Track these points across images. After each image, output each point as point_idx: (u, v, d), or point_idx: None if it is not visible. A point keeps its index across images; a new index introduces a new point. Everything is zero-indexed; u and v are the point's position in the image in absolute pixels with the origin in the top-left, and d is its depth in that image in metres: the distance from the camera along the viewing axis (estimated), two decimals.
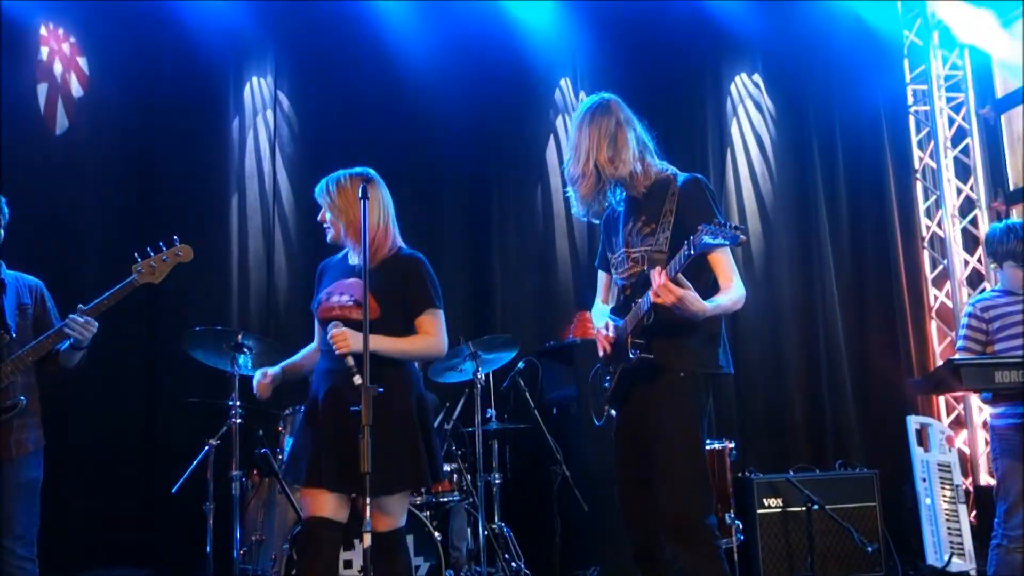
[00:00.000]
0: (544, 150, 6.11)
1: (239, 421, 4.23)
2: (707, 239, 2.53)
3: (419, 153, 5.86)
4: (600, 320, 3.12)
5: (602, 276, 3.28)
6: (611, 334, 2.97)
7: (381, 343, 2.90)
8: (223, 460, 4.29)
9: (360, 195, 2.87)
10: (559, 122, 6.13)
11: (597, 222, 3.18)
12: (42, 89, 5.21)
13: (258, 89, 5.68)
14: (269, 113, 5.67)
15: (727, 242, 2.53)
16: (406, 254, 3.13)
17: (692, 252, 2.59)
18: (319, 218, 3.15)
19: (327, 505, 2.95)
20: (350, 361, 2.82)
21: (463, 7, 5.94)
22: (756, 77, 6.49)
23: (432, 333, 3.07)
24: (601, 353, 3.01)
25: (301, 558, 3.07)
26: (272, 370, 3.21)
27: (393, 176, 5.47)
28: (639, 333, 2.84)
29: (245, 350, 4.29)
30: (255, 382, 3.18)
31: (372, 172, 3.14)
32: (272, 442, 4.34)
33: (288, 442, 4.24)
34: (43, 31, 5.29)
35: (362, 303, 2.87)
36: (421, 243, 5.67)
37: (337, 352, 2.85)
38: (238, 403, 4.30)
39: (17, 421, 3.16)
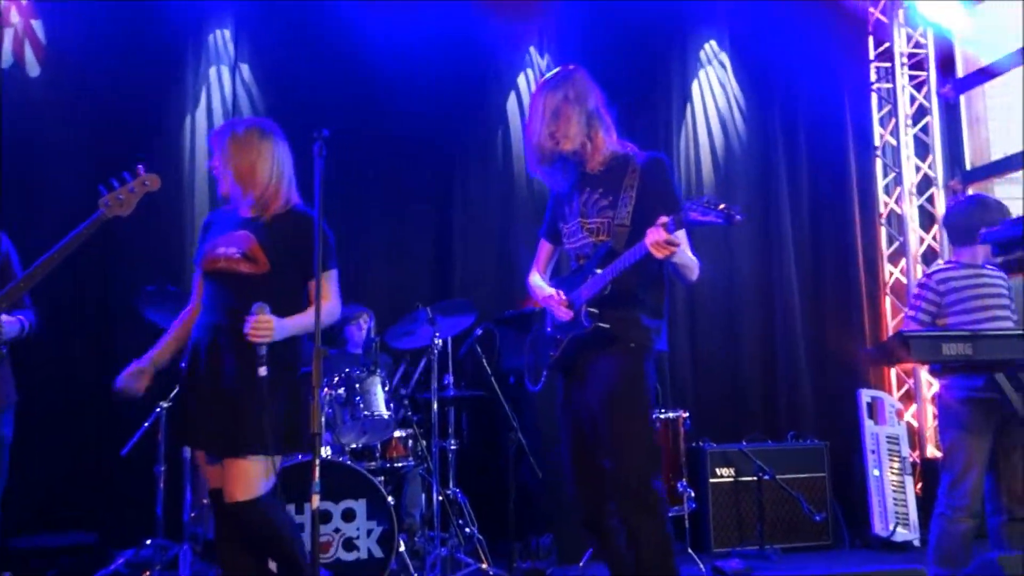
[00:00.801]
0: (507, 118, 6.05)
1: None
2: (696, 216, 2.55)
3: (381, 121, 5.79)
4: (545, 288, 3.11)
5: (544, 246, 3.30)
6: (565, 299, 2.98)
7: (291, 325, 2.83)
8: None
9: (316, 152, 2.80)
10: (524, 89, 6.08)
11: (556, 193, 3.17)
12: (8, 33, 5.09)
13: (219, 48, 5.59)
14: (227, 77, 5.58)
15: (720, 220, 2.54)
16: (300, 210, 3.02)
17: (680, 227, 2.63)
18: (209, 165, 3.05)
19: (216, 472, 2.89)
20: (263, 350, 2.74)
21: None
22: (722, 54, 6.45)
23: (328, 296, 2.95)
24: (562, 318, 2.99)
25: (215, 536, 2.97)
26: (139, 364, 3.06)
27: (355, 143, 5.55)
28: (594, 303, 2.87)
29: None
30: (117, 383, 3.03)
31: (269, 123, 3.06)
32: None
33: None
34: None
35: (251, 258, 2.86)
36: (382, 210, 5.77)
37: (254, 340, 2.75)
38: None
39: None
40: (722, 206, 2.52)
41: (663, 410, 4.92)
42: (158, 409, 4.32)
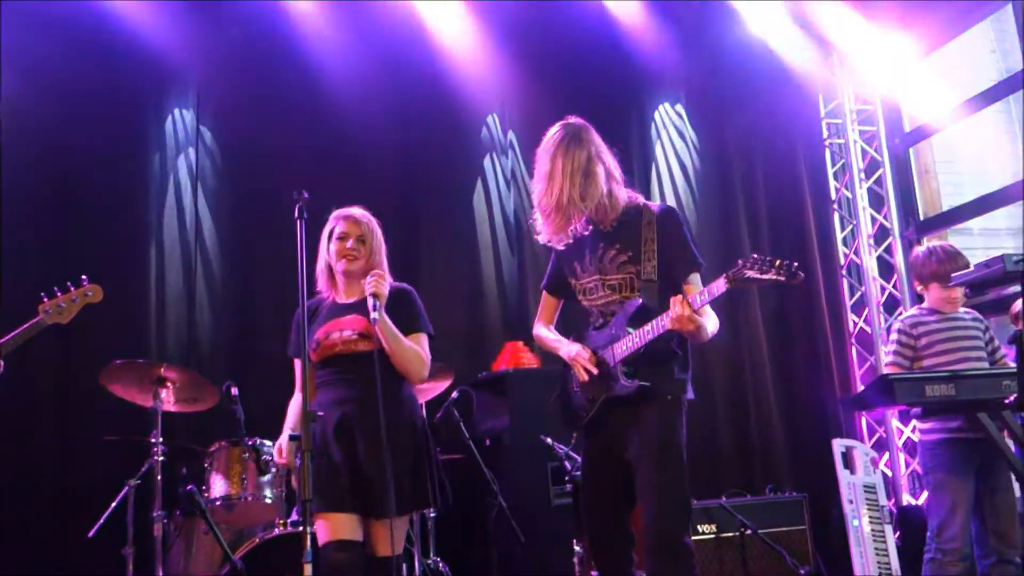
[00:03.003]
0: (472, 182, 6.08)
1: (161, 459, 4.03)
2: (752, 274, 2.50)
3: (345, 184, 5.71)
4: (564, 343, 3.08)
5: (548, 300, 3.26)
6: (589, 356, 2.94)
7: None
8: (143, 500, 4.07)
9: (296, 215, 2.80)
10: (487, 157, 6.16)
11: (561, 248, 3.09)
12: None
13: (180, 122, 5.53)
14: (191, 148, 5.52)
15: (782, 278, 2.47)
16: (396, 286, 3.28)
17: (730, 287, 2.60)
18: (350, 246, 3.19)
19: (344, 527, 2.92)
20: (371, 302, 2.95)
21: (391, 39, 5.91)
22: (679, 108, 6.64)
23: (424, 351, 3.25)
24: (584, 378, 2.94)
25: None
26: (284, 440, 3.16)
27: (318, 207, 5.46)
28: (628, 362, 2.85)
29: (168, 384, 4.11)
30: (279, 452, 3.15)
31: None
32: (198, 479, 4.13)
33: (216, 479, 4.06)
34: None
35: (366, 335, 3.01)
36: None
37: (373, 288, 2.99)
38: (160, 440, 4.10)
39: None
40: (783, 263, 2.46)
41: None
42: (126, 487, 4.15)
